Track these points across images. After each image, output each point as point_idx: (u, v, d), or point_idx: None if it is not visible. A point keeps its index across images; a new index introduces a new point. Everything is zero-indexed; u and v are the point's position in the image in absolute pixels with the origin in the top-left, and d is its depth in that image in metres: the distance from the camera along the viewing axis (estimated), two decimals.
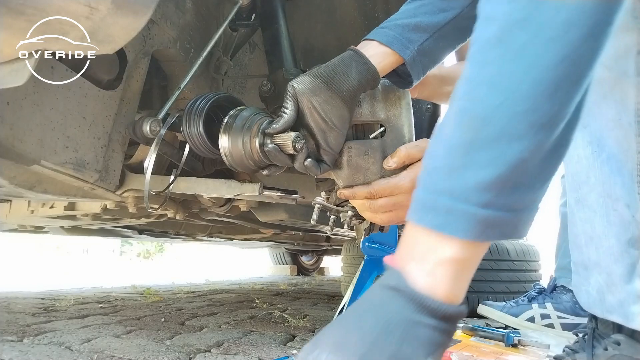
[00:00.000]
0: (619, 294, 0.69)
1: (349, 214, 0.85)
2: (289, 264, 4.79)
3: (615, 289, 0.69)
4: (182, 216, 1.36)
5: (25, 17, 0.45)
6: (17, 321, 1.33)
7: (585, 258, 0.73)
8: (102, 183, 0.86)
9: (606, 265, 0.70)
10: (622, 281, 0.68)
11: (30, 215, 1.45)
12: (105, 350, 1.00)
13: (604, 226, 0.70)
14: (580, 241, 0.74)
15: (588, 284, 0.73)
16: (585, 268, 0.73)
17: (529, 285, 1.86)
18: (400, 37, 0.70)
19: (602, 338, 0.72)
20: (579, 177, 0.72)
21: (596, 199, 0.70)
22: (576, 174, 0.73)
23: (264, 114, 0.78)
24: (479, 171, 0.42)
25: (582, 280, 0.74)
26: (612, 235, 0.69)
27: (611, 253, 0.69)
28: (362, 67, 0.67)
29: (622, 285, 0.68)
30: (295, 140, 0.74)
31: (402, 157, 0.72)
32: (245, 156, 0.76)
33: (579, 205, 0.73)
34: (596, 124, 0.70)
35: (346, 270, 2.23)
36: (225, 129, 0.77)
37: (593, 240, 0.71)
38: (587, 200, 0.72)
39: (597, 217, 0.70)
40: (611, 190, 0.69)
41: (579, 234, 0.74)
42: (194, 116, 0.83)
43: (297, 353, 0.52)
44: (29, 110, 0.69)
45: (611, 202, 0.69)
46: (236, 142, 0.76)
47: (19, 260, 6.64)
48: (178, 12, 0.89)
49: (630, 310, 0.68)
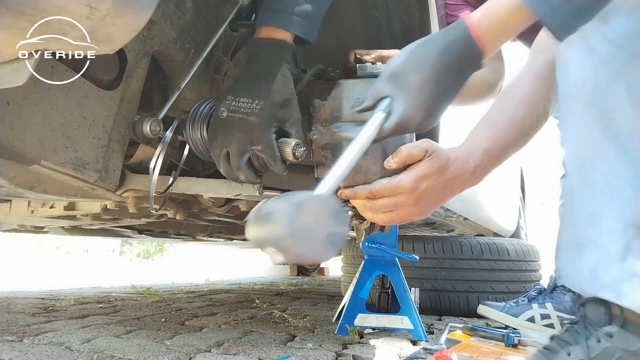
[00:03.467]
0: (613, 272, 0.69)
1: (349, 214, 0.85)
2: (289, 264, 4.79)
3: (609, 267, 0.69)
4: (182, 216, 1.36)
5: (25, 17, 0.45)
6: (17, 321, 1.33)
7: (580, 235, 0.73)
8: (102, 183, 0.86)
9: (603, 243, 0.70)
10: (617, 259, 0.69)
11: (30, 215, 1.45)
12: (105, 350, 1.00)
13: (606, 205, 0.70)
14: (577, 219, 0.74)
15: (579, 261, 0.73)
16: (579, 246, 0.73)
17: (529, 285, 1.86)
18: None
19: (593, 329, 0.72)
20: (584, 155, 0.72)
21: (600, 178, 0.70)
22: (582, 152, 0.73)
23: None
24: None
25: (573, 258, 0.74)
26: (613, 214, 0.69)
27: (609, 231, 0.70)
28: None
29: (616, 263, 0.69)
30: (295, 147, 0.74)
31: (403, 157, 0.72)
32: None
33: (581, 183, 0.73)
34: (606, 103, 0.70)
35: (346, 270, 2.23)
36: None
37: (592, 218, 0.71)
38: (590, 178, 0.72)
39: (599, 195, 0.70)
40: (616, 170, 0.69)
41: (577, 211, 0.74)
42: (198, 121, 0.83)
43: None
44: (29, 110, 0.69)
45: (615, 181, 0.69)
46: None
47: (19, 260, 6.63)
48: (178, 12, 0.89)
49: (621, 288, 0.68)
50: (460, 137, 0.87)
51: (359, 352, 1.07)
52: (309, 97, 0.83)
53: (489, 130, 0.86)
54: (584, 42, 0.70)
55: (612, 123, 0.70)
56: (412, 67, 0.61)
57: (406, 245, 1.92)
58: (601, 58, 0.69)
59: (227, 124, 0.76)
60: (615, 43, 0.68)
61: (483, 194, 2.13)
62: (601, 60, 0.69)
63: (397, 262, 1.35)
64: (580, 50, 0.71)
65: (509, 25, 0.59)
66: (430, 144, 0.75)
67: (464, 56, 0.60)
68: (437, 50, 0.60)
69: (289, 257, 0.48)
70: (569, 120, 0.76)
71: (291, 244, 0.45)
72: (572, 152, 0.76)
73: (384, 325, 1.29)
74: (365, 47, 1.10)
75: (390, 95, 0.64)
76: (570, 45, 0.72)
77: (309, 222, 0.46)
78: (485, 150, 0.81)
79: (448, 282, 1.85)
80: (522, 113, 0.88)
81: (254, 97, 0.75)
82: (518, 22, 0.59)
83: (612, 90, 0.69)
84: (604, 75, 0.69)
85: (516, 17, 0.59)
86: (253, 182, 0.81)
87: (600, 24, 0.67)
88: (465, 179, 0.79)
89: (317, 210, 0.47)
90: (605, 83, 0.69)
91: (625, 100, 0.69)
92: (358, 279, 1.33)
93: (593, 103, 0.71)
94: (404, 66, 0.62)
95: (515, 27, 0.60)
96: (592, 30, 0.67)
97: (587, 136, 0.72)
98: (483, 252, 1.89)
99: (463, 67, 0.61)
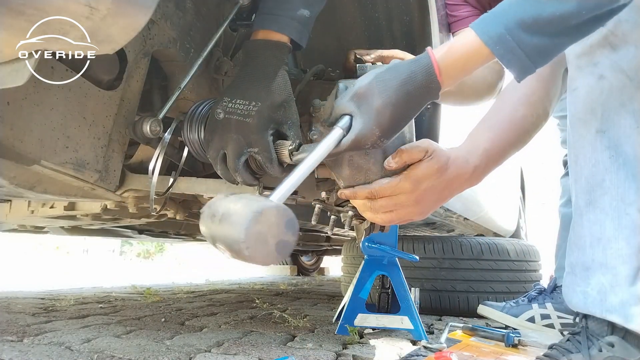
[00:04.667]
0: (622, 295, 0.71)
1: (349, 214, 0.85)
2: (289, 264, 4.79)
3: (618, 290, 0.71)
4: (182, 216, 1.36)
5: (25, 17, 0.45)
6: (17, 321, 1.33)
7: (588, 259, 0.74)
8: (102, 183, 0.86)
9: (612, 266, 0.71)
10: (627, 283, 0.70)
11: (31, 215, 1.45)
12: (105, 350, 1.00)
13: (615, 229, 0.72)
14: (584, 242, 0.75)
15: (587, 284, 0.74)
16: (586, 269, 0.74)
17: (529, 285, 1.86)
18: None
19: (595, 339, 0.74)
20: (594, 180, 0.74)
21: (609, 202, 0.73)
22: (591, 176, 0.75)
23: None
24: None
25: (578, 281, 0.76)
26: (622, 238, 0.71)
27: (619, 255, 0.71)
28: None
29: (626, 286, 0.70)
30: (291, 149, 0.74)
31: (403, 157, 0.72)
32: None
33: (589, 207, 0.75)
34: (615, 130, 0.73)
35: (346, 270, 2.23)
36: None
37: (601, 242, 0.73)
38: (599, 202, 0.74)
39: (609, 219, 0.72)
40: (625, 195, 0.72)
41: (584, 235, 0.75)
42: (196, 122, 0.83)
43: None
44: (29, 111, 0.69)
45: (624, 206, 0.72)
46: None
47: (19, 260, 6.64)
48: (178, 12, 0.89)
49: (630, 312, 0.70)
50: (460, 137, 0.87)
51: (359, 352, 1.07)
52: (309, 97, 0.83)
53: (489, 130, 0.86)
54: (595, 69, 0.73)
55: (621, 149, 0.73)
56: (376, 90, 0.64)
57: (406, 245, 1.92)
58: (611, 85, 0.72)
59: (224, 126, 0.75)
60: (624, 72, 0.70)
61: (483, 194, 2.13)
62: (611, 87, 0.72)
63: (397, 262, 1.35)
64: (592, 76, 0.73)
65: (467, 65, 0.63)
66: (431, 144, 0.75)
67: (424, 86, 0.63)
68: (402, 77, 0.63)
69: (238, 258, 0.50)
70: (578, 144, 0.78)
71: (243, 249, 0.47)
72: (581, 177, 0.77)
73: (384, 325, 1.29)
74: (365, 47, 1.10)
75: (351, 113, 0.67)
76: (581, 71, 0.75)
77: (264, 230, 0.48)
78: (485, 150, 0.81)
79: (448, 282, 1.85)
80: (522, 113, 0.88)
81: (250, 99, 0.75)
82: (477, 62, 0.63)
83: (620, 118, 0.72)
84: (613, 102, 0.72)
85: (476, 58, 0.62)
86: (250, 184, 0.81)
87: (609, 52, 0.70)
88: (465, 179, 0.79)
89: (273, 219, 0.49)
90: (615, 111, 0.72)
91: (633, 128, 0.72)
92: (358, 279, 1.33)
93: (603, 130, 0.74)
94: (368, 88, 0.65)
95: (474, 66, 0.64)
96: (601, 57, 0.70)
97: (596, 161, 0.74)
98: (483, 252, 1.89)
99: (422, 96, 0.64)
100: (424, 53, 0.65)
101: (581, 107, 0.77)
